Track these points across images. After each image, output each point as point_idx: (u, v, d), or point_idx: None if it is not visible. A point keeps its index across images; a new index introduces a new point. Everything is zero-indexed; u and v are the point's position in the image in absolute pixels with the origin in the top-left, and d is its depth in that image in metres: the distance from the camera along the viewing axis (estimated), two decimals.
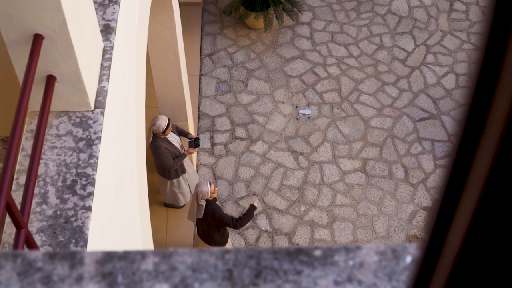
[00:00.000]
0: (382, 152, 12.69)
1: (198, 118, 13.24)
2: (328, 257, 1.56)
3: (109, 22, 5.89)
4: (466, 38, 14.28)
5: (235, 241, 11.66)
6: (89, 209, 4.90)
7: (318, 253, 1.56)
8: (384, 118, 13.12)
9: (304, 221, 11.95)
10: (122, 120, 6.21)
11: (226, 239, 10.70)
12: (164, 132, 10.47)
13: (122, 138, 6.20)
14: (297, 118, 13.19)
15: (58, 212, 4.86)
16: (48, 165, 5.08)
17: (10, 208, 4.03)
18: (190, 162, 11.66)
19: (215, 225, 10.30)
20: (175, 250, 1.57)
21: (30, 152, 4.96)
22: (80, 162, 5.12)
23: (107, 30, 5.84)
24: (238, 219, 10.19)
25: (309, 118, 13.17)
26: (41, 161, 5.07)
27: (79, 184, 5.01)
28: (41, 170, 5.04)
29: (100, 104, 5.42)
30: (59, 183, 5.00)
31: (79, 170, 5.08)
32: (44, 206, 4.87)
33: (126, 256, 1.56)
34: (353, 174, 12.46)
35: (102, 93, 5.48)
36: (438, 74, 13.73)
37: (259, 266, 1.54)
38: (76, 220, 4.83)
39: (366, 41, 14.32)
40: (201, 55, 14.18)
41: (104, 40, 5.76)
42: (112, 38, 5.80)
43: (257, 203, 10.32)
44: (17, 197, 4.77)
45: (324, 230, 11.86)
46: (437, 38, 14.32)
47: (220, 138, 12.95)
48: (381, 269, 1.55)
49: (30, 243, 4.38)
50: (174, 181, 11.26)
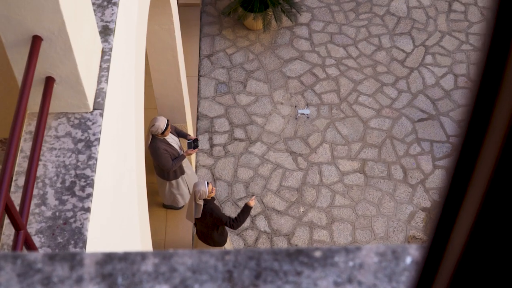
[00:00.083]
0: (381, 153, 12.69)
1: (197, 119, 13.24)
2: (328, 258, 1.56)
3: (107, 24, 5.89)
4: (465, 38, 14.29)
5: (234, 242, 11.66)
6: (88, 210, 4.89)
7: (318, 254, 1.56)
8: (383, 119, 13.12)
9: (303, 222, 11.94)
10: (121, 121, 6.21)
11: (225, 239, 10.70)
12: (163, 133, 10.46)
13: (121, 139, 6.20)
14: (296, 118, 13.18)
15: (57, 213, 4.85)
16: (47, 166, 5.08)
17: (9, 209, 4.03)
18: (189, 163, 11.66)
19: (214, 224, 10.30)
20: (175, 251, 1.57)
21: (29, 153, 4.96)
22: (79, 164, 5.12)
23: (106, 32, 5.84)
24: (235, 219, 10.19)
25: (308, 117, 13.17)
26: (40, 162, 5.07)
27: (78, 185, 5.01)
28: (40, 171, 5.03)
29: (99, 105, 5.42)
30: (58, 185, 4.99)
31: (78, 172, 5.08)
32: (43, 208, 4.87)
33: (126, 257, 1.56)
34: (352, 175, 12.46)
35: (101, 94, 5.47)
36: (437, 74, 13.74)
37: (259, 267, 1.54)
38: (75, 221, 4.83)
39: (365, 42, 14.32)
40: (199, 56, 14.18)
41: (102, 41, 5.76)
42: (110, 40, 5.80)
43: (252, 202, 10.30)
44: (16, 198, 4.76)
45: (323, 231, 11.86)
46: (435, 39, 14.32)
47: (219, 139, 12.95)
48: (381, 270, 1.55)
49: (29, 245, 4.38)
50: (173, 182, 11.25)
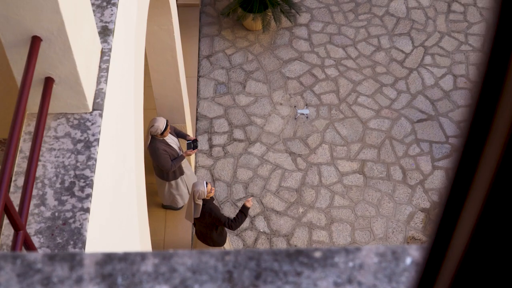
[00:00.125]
0: (380, 153, 12.70)
1: (196, 119, 13.24)
2: (328, 258, 1.56)
3: (107, 24, 5.89)
4: (464, 39, 14.29)
5: (233, 242, 11.66)
6: (87, 210, 4.89)
7: (318, 254, 1.56)
8: (382, 119, 13.12)
9: (302, 222, 11.94)
10: (120, 122, 6.21)
11: (224, 239, 10.71)
12: (162, 134, 10.47)
13: (120, 140, 6.20)
14: (295, 118, 13.19)
15: (56, 213, 4.85)
16: (46, 167, 5.08)
17: (8, 209, 4.03)
18: (188, 164, 11.66)
19: (213, 224, 10.31)
20: (175, 251, 1.57)
21: (28, 154, 4.96)
22: (78, 164, 5.12)
23: (105, 32, 5.84)
24: (233, 220, 10.20)
25: (307, 117, 13.17)
26: (39, 163, 5.07)
27: (77, 186, 5.01)
28: (39, 172, 5.03)
29: (98, 106, 5.42)
30: (57, 185, 4.99)
31: (77, 172, 5.07)
32: (42, 208, 4.87)
33: (126, 257, 1.56)
34: (351, 175, 12.47)
35: (100, 95, 5.47)
36: (436, 75, 13.74)
37: (259, 267, 1.54)
38: (74, 221, 4.83)
39: (364, 42, 14.32)
40: (199, 57, 14.18)
41: (102, 42, 5.76)
42: (110, 40, 5.80)
43: (250, 203, 10.30)
44: (15, 199, 4.76)
45: (322, 232, 11.86)
46: (435, 40, 14.32)
47: (218, 140, 12.95)
48: (381, 270, 1.55)
49: (28, 245, 4.38)
50: (172, 182, 11.26)
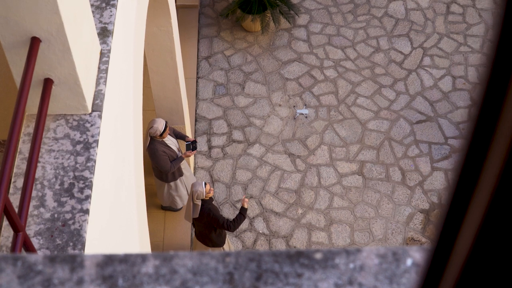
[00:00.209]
0: (379, 154, 12.70)
1: (195, 121, 13.24)
2: (328, 260, 1.56)
3: (106, 25, 5.89)
4: (463, 40, 14.30)
5: (232, 243, 11.65)
6: (86, 212, 4.89)
7: (318, 256, 1.56)
8: (381, 120, 13.13)
9: (301, 224, 11.94)
10: (119, 123, 6.21)
11: (223, 240, 10.70)
12: (161, 135, 10.46)
13: (120, 141, 6.20)
14: (294, 118, 13.19)
15: (56, 215, 4.85)
16: (45, 168, 5.08)
17: (7, 211, 4.02)
18: (188, 165, 11.66)
19: (211, 225, 10.31)
20: (176, 253, 1.57)
21: (27, 155, 4.96)
22: (77, 165, 5.11)
23: (104, 33, 5.84)
24: (231, 222, 10.19)
25: (306, 117, 13.18)
26: (38, 164, 5.07)
27: (77, 187, 5.01)
28: (38, 173, 5.03)
29: (97, 107, 5.41)
30: (57, 186, 4.99)
31: (77, 173, 5.07)
32: (41, 209, 4.87)
33: (126, 259, 1.56)
34: (350, 176, 12.47)
35: (99, 96, 5.47)
36: (435, 76, 13.74)
37: (260, 269, 1.54)
38: (73, 223, 4.83)
39: (363, 43, 14.33)
40: (198, 58, 14.18)
41: (101, 43, 5.76)
42: (109, 41, 5.80)
43: (246, 203, 10.29)
44: (14, 200, 4.76)
45: (321, 233, 11.86)
46: (434, 41, 14.33)
47: (217, 141, 12.95)
48: (381, 272, 1.55)
49: (28, 246, 4.37)
50: (172, 184, 11.25)
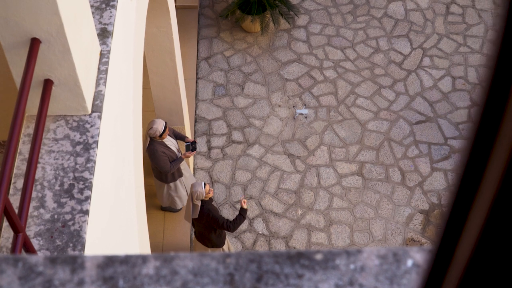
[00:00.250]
0: (379, 155, 12.70)
1: (195, 121, 13.24)
2: (329, 260, 1.56)
3: (106, 26, 5.89)
4: (462, 41, 14.30)
5: (232, 244, 11.65)
6: (86, 213, 4.89)
7: (319, 257, 1.56)
8: (380, 121, 13.13)
9: (301, 224, 11.94)
10: (119, 124, 6.21)
11: (223, 241, 10.70)
12: (161, 136, 10.46)
13: (119, 142, 6.20)
14: (294, 118, 13.19)
15: (56, 216, 4.85)
16: (45, 169, 5.08)
17: (7, 212, 4.02)
18: (187, 166, 11.66)
19: (211, 225, 10.31)
20: (176, 254, 1.57)
21: (27, 156, 4.96)
22: (77, 166, 5.11)
23: (104, 34, 5.84)
24: (231, 222, 10.20)
25: (306, 117, 13.18)
26: (38, 165, 5.07)
27: (77, 188, 5.01)
28: (38, 174, 5.03)
29: (97, 108, 5.42)
30: (57, 187, 4.99)
31: (77, 174, 5.07)
32: (41, 210, 4.87)
33: (127, 260, 1.56)
34: (350, 177, 12.47)
35: (99, 97, 5.47)
36: (434, 77, 13.75)
37: (261, 270, 1.54)
38: (73, 224, 4.83)
39: (362, 44, 14.33)
40: (197, 59, 14.18)
41: (101, 44, 5.76)
42: (109, 42, 5.80)
43: (245, 204, 10.30)
44: (14, 201, 4.76)
45: (321, 234, 11.86)
46: (433, 41, 14.33)
47: (216, 142, 12.95)
48: (382, 272, 1.55)
49: (28, 247, 4.37)
50: (171, 184, 11.25)
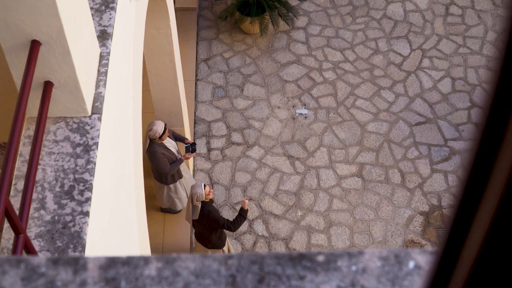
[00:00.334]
0: (379, 156, 12.70)
1: (194, 123, 13.24)
2: (331, 262, 1.56)
3: (105, 28, 5.90)
4: (462, 42, 14.30)
5: (232, 246, 11.65)
6: (86, 214, 4.89)
7: (321, 258, 1.57)
8: (380, 122, 13.13)
9: (300, 226, 11.94)
10: (119, 125, 6.21)
11: (223, 242, 10.71)
12: (160, 137, 10.46)
13: (119, 144, 6.20)
14: (293, 118, 13.19)
15: (56, 217, 4.85)
16: (46, 170, 5.08)
17: (8, 213, 4.03)
18: (187, 167, 11.66)
19: (211, 226, 10.32)
20: (178, 255, 1.57)
21: (28, 157, 4.96)
22: (77, 168, 5.12)
23: (104, 36, 5.84)
24: (231, 222, 10.21)
25: (306, 117, 13.18)
26: (39, 166, 5.07)
27: (77, 189, 5.01)
28: (39, 175, 5.04)
29: (97, 109, 5.42)
30: (57, 189, 4.99)
31: (77, 176, 5.08)
32: (42, 212, 4.87)
33: (129, 261, 1.56)
34: (349, 179, 12.47)
35: (99, 98, 5.48)
36: (434, 78, 13.75)
37: (262, 271, 1.55)
38: (74, 225, 4.83)
39: (361, 45, 14.34)
40: (197, 60, 14.18)
41: (100, 46, 5.77)
42: (108, 44, 5.81)
43: (246, 204, 10.30)
44: (15, 202, 4.77)
45: (321, 235, 11.86)
46: (433, 42, 14.34)
47: (216, 143, 12.95)
48: (384, 274, 1.55)
49: (29, 248, 4.38)
50: (171, 186, 11.25)
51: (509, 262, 0.75)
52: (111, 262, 1.57)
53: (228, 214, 11.98)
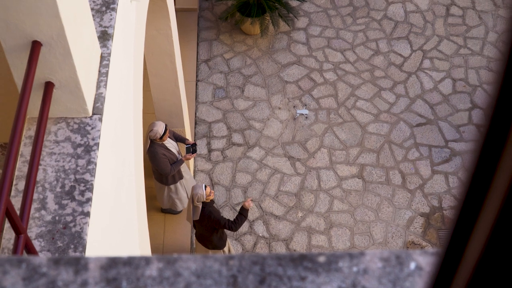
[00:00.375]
0: (379, 158, 12.70)
1: (195, 124, 13.24)
2: (332, 263, 1.56)
3: (106, 29, 5.90)
4: (462, 43, 14.30)
5: (232, 247, 11.65)
6: (87, 214, 4.90)
7: (322, 259, 1.57)
8: (381, 123, 13.13)
9: (301, 227, 11.94)
10: (119, 126, 6.22)
11: (224, 243, 10.72)
12: (161, 138, 10.47)
13: (120, 144, 6.20)
14: (294, 118, 13.19)
15: (57, 217, 4.86)
16: (46, 171, 5.08)
17: (9, 213, 4.03)
18: (187, 168, 11.66)
19: (212, 227, 10.33)
20: (179, 256, 1.57)
21: (29, 158, 4.96)
22: (78, 168, 5.12)
23: (105, 37, 5.85)
24: (232, 222, 10.21)
25: (306, 117, 13.18)
26: (39, 167, 5.07)
27: (78, 190, 5.01)
28: (39, 176, 5.04)
29: (98, 110, 5.42)
30: (58, 189, 5.00)
31: (78, 176, 5.08)
32: (43, 212, 4.87)
33: (130, 262, 1.56)
34: (350, 180, 12.46)
35: (100, 99, 5.48)
36: (434, 79, 13.75)
37: (264, 272, 1.55)
38: (74, 225, 4.83)
39: (362, 46, 14.34)
40: (197, 61, 14.18)
41: (101, 46, 5.77)
42: (109, 45, 5.81)
43: (248, 204, 10.29)
44: (16, 202, 4.77)
45: (321, 236, 11.85)
46: (433, 43, 14.33)
47: (217, 144, 12.95)
48: (385, 275, 1.55)
49: (29, 249, 4.38)
50: (172, 186, 11.26)
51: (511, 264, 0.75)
52: (112, 262, 1.57)
53: (228, 215, 11.98)
